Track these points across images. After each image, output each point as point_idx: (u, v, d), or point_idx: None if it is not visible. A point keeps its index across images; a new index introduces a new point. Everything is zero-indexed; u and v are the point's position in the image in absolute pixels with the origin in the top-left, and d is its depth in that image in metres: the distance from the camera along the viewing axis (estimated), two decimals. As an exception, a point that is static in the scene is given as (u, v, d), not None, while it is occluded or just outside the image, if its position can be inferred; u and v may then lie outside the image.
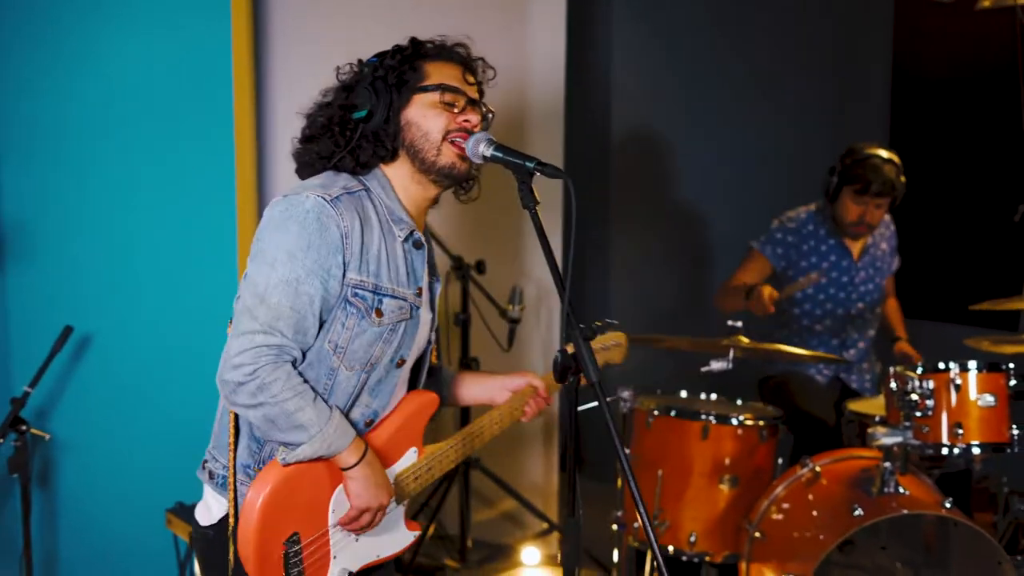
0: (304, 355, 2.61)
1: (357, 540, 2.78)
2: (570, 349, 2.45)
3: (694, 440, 4.29)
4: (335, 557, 2.74)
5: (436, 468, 2.87)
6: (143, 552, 4.10)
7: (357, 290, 2.60)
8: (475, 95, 2.74)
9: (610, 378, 4.77)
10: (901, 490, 3.88)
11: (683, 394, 4.62)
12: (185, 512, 3.87)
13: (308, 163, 2.74)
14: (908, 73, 6.86)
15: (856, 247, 4.95)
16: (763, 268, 4.91)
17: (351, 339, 2.63)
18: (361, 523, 2.70)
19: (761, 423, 4.31)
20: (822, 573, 3.86)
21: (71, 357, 4.06)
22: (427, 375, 2.92)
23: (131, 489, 4.12)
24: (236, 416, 2.69)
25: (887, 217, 5.12)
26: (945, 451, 3.92)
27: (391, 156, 2.70)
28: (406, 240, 2.70)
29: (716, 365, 4.21)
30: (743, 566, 4.12)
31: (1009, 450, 3.99)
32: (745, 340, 4.26)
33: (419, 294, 2.73)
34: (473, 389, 3.10)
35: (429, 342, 2.87)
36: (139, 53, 4.08)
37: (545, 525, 5.28)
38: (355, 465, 2.64)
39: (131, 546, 4.12)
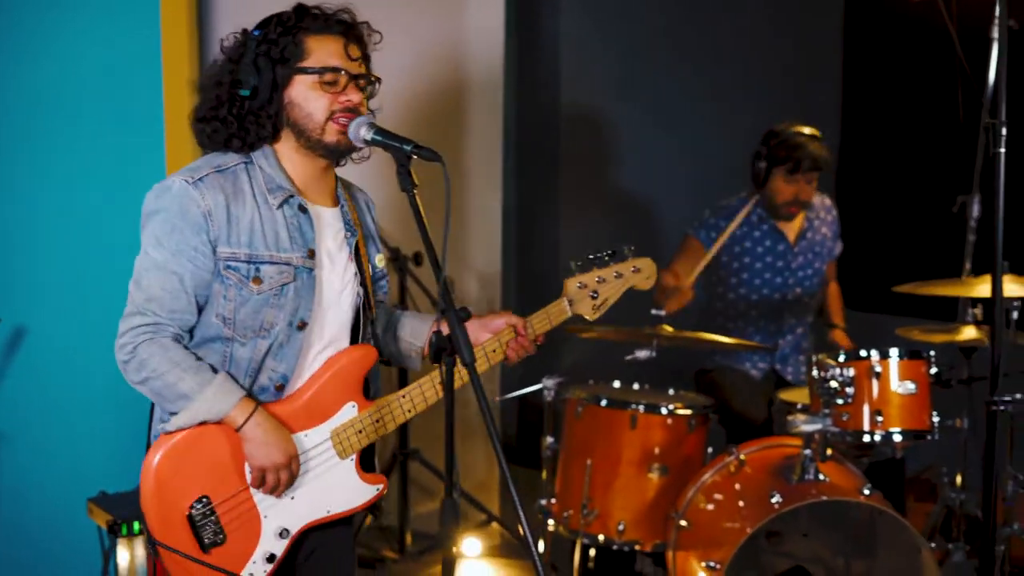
0: (192, 333, 2.73)
1: (293, 498, 2.79)
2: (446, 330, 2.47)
3: (623, 429, 4.30)
4: (266, 517, 2.78)
5: (388, 420, 2.86)
6: (69, 542, 4.11)
7: (229, 262, 2.70)
8: (357, 69, 2.77)
9: (543, 364, 4.81)
10: (821, 477, 3.90)
11: (616, 384, 4.63)
12: (107, 501, 3.88)
13: (203, 144, 2.83)
14: (860, 64, 6.89)
15: (792, 232, 4.96)
16: (699, 254, 4.91)
17: (235, 309, 2.72)
18: (268, 484, 2.73)
19: (690, 412, 4.33)
20: (744, 560, 3.90)
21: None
22: (369, 328, 2.93)
23: (57, 478, 4.12)
24: None
25: (828, 202, 5.13)
26: (866, 438, 3.94)
27: (273, 136, 2.78)
28: (281, 206, 2.75)
29: (640, 354, 4.23)
30: (669, 555, 4.13)
31: (929, 437, 4.01)
32: (669, 329, 4.28)
33: (310, 256, 2.77)
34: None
35: (359, 296, 2.88)
36: (69, 48, 4.09)
37: (484, 516, 5.30)
38: (243, 425, 2.69)
39: (56, 536, 4.12)
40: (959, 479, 4.66)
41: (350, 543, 3.05)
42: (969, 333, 4.45)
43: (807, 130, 4.84)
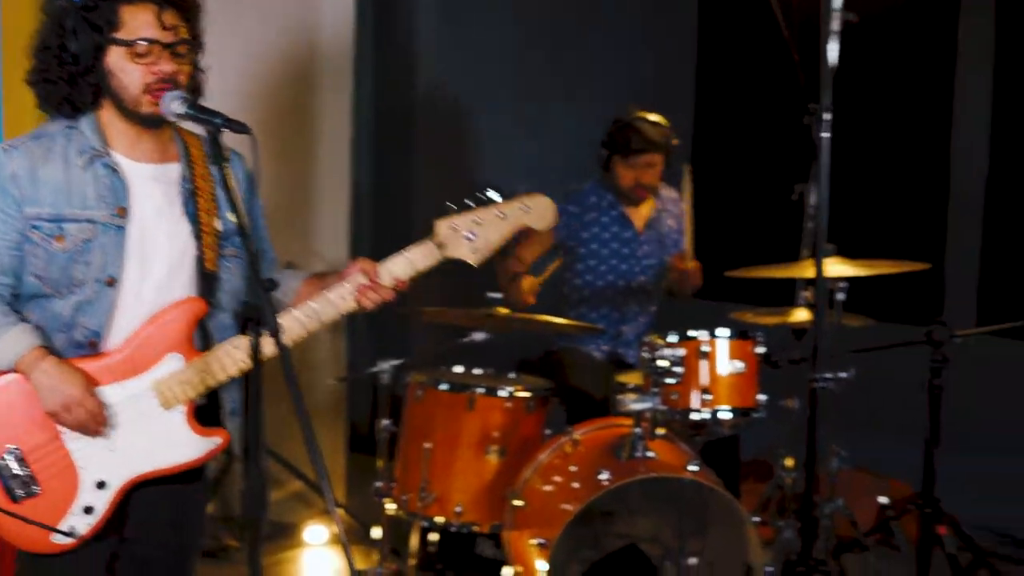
0: (19, 293, 2.81)
1: (112, 450, 2.79)
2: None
3: (461, 412, 4.33)
4: (83, 468, 2.78)
5: (219, 370, 2.82)
6: None
7: (34, 222, 2.76)
8: (172, 38, 2.78)
9: (390, 347, 4.83)
10: (650, 454, 3.97)
11: (458, 368, 4.66)
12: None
13: (42, 107, 2.88)
14: (713, 54, 7.05)
15: (640, 220, 5.05)
16: (545, 240, 4.96)
17: (46, 267, 2.77)
18: (66, 425, 2.75)
19: (529, 395, 4.38)
20: (575, 538, 3.95)
21: None
22: (205, 285, 2.90)
23: None
24: None
25: (675, 194, 5.22)
26: (695, 416, 4.03)
27: (95, 102, 2.82)
28: (90, 165, 2.79)
29: (476, 336, 4.27)
30: (505, 535, 4.17)
31: (756, 415, 4.12)
32: (504, 311, 4.32)
33: (120, 214, 2.79)
34: (313, 291, 2.95)
35: (195, 251, 2.87)
36: None
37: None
38: (31, 373, 2.74)
39: None
40: (790, 460, 4.78)
41: (197, 502, 3.05)
42: (800, 315, 4.58)
43: (650, 116, 4.92)
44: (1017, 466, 5.63)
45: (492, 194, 2.92)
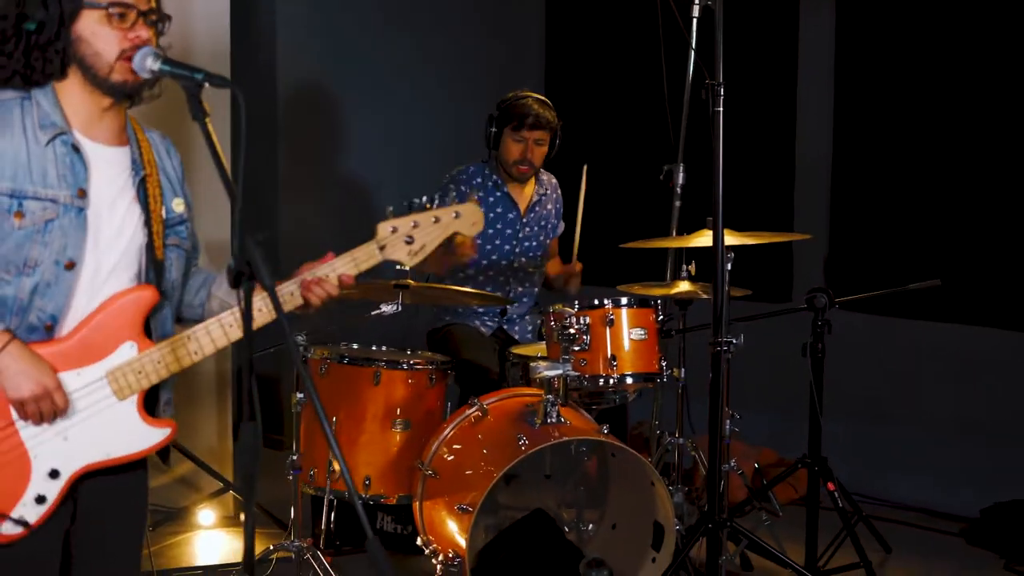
0: None
1: (66, 438, 2.72)
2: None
3: (366, 386, 4.39)
4: (35, 456, 2.70)
5: (171, 361, 2.80)
6: None
7: None
8: (146, 5, 2.75)
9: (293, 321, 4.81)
10: (563, 420, 4.08)
11: (355, 345, 4.70)
12: None
13: None
14: (563, 40, 7.21)
15: (523, 201, 5.17)
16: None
17: None
18: (30, 416, 2.67)
19: (430, 367, 4.46)
20: (492, 503, 4.03)
21: None
22: (152, 271, 2.87)
23: None
24: None
25: (555, 181, 5.35)
26: (602, 382, 4.17)
27: (61, 72, 2.73)
28: (51, 143, 2.72)
29: (387, 308, 4.31)
30: (416, 505, 4.23)
31: (659, 380, 4.28)
32: (412, 283, 4.38)
33: (80, 195, 2.73)
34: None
35: (144, 237, 2.84)
36: None
37: (220, 485, 5.25)
38: None
39: None
40: (678, 429, 4.96)
41: (141, 491, 3.00)
42: (684, 287, 4.77)
43: (538, 95, 5.07)
44: (867, 430, 5.95)
45: (430, 199, 3.02)
